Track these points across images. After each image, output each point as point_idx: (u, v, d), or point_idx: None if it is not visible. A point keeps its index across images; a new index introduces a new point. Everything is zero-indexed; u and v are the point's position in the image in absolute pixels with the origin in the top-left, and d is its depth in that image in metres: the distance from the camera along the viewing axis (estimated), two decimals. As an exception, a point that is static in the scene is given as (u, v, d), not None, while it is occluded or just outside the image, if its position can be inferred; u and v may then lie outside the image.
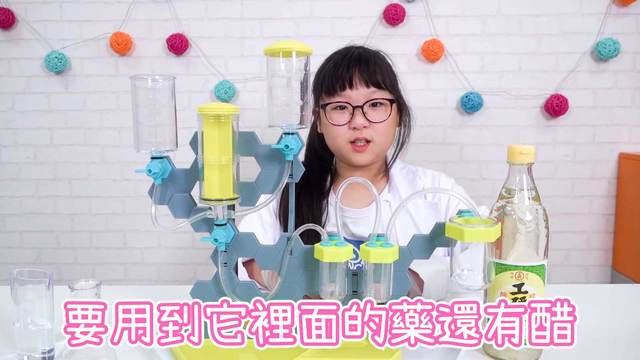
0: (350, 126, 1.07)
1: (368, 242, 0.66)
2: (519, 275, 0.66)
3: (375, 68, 1.08)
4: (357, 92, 1.06)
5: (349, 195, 1.14)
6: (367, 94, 1.07)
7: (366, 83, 1.06)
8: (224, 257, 0.69)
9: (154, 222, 0.66)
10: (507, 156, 0.68)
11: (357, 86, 1.06)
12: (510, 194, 0.68)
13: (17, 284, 0.68)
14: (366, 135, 1.07)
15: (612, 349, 0.73)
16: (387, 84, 1.09)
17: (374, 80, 1.07)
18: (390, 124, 1.10)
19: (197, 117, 0.64)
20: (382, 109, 1.08)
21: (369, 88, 1.07)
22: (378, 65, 1.09)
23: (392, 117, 1.10)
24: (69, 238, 2.07)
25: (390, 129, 1.11)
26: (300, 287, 0.70)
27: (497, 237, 0.63)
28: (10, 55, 1.98)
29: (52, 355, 0.71)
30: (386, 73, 1.10)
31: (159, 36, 1.95)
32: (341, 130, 1.08)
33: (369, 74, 1.07)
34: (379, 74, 1.08)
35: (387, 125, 1.09)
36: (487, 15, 1.92)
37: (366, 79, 1.06)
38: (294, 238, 0.70)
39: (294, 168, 0.69)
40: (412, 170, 1.19)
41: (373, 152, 1.09)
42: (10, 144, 2.03)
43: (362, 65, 1.08)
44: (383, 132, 1.08)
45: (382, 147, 1.10)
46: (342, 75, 1.07)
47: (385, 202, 1.12)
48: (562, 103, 1.90)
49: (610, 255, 2.03)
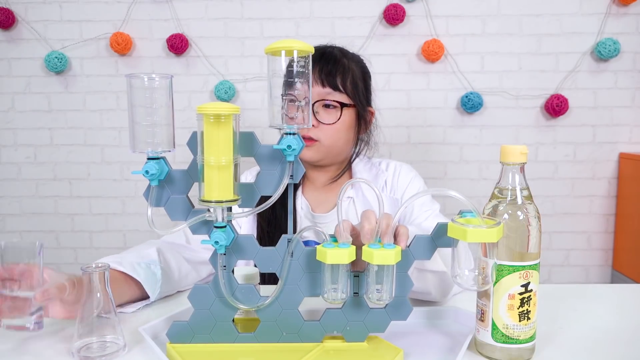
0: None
1: (370, 243, 0.66)
2: (526, 274, 0.66)
3: (336, 69, 1.06)
4: (312, 90, 1.05)
5: (316, 198, 1.13)
6: (321, 94, 1.05)
7: (322, 82, 1.05)
8: (223, 259, 0.69)
9: (150, 225, 0.65)
10: (500, 156, 0.68)
11: (312, 84, 1.05)
12: (503, 194, 0.68)
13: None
14: (312, 135, 1.05)
15: (612, 349, 0.73)
16: (346, 88, 1.06)
17: (330, 81, 1.05)
18: (340, 127, 1.07)
19: (197, 116, 0.63)
20: (334, 111, 1.06)
21: (324, 88, 1.05)
22: (342, 67, 1.07)
23: (343, 122, 1.07)
24: (69, 238, 2.07)
25: (341, 132, 1.08)
26: (302, 290, 0.70)
27: (499, 238, 0.63)
28: (10, 55, 1.98)
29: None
30: (349, 77, 1.07)
31: (159, 36, 1.95)
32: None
33: (327, 73, 1.05)
34: (339, 76, 1.05)
35: (336, 128, 1.06)
36: (487, 15, 1.92)
37: (323, 78, 1.05)
38: (295, 240, 0.69)
39: (294, 168, 0.69)
40: (376, 165, 1.18)
41: (319, 151, 1.07)
42: (10, 144, 2.02)
43: (323, 64, 1.06)
44: (331, 134, 1.06)
45: (330, 149, 1.08)
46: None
47: (349, 199, 1.11)
48: (562, 103, 1.90)
49: (610, 255, 2.03)
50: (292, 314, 0.70)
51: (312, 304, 0.80)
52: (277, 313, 0.70)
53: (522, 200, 0.67)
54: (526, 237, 0.67)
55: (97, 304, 0.69)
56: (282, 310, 0.70)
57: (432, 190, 0.72)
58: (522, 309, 0.67)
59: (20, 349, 0.73)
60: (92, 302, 0.69)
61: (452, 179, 2.00)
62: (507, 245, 0.66)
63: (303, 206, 1.12)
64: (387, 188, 1.13)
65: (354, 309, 0.70)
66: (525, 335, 0.67)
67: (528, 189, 0.68)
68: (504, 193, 0.68)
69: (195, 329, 0.70)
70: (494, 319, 0.67)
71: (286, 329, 0.70)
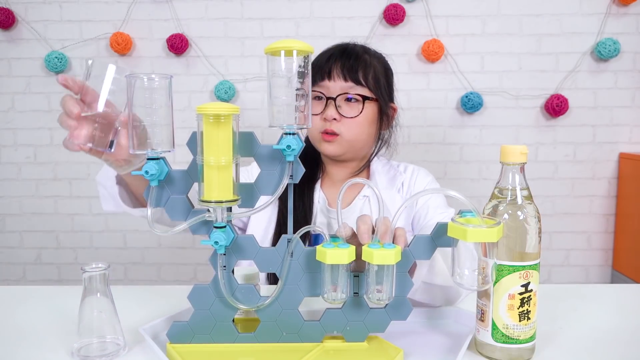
0: (322, 117, 1.08)
1: (370, 243, 0.66)
2: (526, 274, 0.66)
3: (358, 64, 1.07)
4: (334, 84, 1.06)
5: (333, 193, 1.15)
6: (344, 87, 1.06)
7: (344, 76, 1.06)
8: (223, 260, 0.69)
9: (150, 226, 0.65)
10: (500, 156, 0.68)
11: (334, 78, 1.06)
12: (503, 194, 0.68)
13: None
14: (334, 128, 1.06)
15: (612, 349, 0.73)
16: (368, 82, 1.07)
17: (352, 75, 1.06)
18: (362, 121, 1.08)
19: (197, 116, 0.63)
20: (357, 105, 1.08)
21: (347, 82, 1.06)
22: (364, 62, 1.08)
23: (366, 116, 1.08)
24: (69, 238, 2.07)
25: (363, 126, 1.09)
26: (302, 290, 0.70)
27: (499, 237, 0.63)
28: (10, 55, 1.98)
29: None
30: (371, 72, 1.08)
31: (159, 36, 1.95)
32: (314, 120, 1.08)
33: (348, 68, 1.06)
34: (361, 70, 1.07)
35: (358, 122, 1.07)
36: (487, 15, 1.92)
37: (345, 72, 1.06)
38: (295, 240, 0.69)
39: (294, 169, 0.69)
40: (394, 166, 1.19)
41: (341, 145, 1.08)
42: (10, 144, 2.02)
43: (345, 58, 1.07)
44: (353, 127, 1.07)
45: (352, 143, 1.09)
46: (323, 66, 1.07)
47: (365, 198, 1.12)
48: (562, 103, 1.90)
49: (610, 255, 2.03)
50: (292, 314, 0.70)
51: (312, 304, 0.80)
52: (277, 313, 0.70)
53: (522, 200, 0.67)
54: (526, 237, 0.67)
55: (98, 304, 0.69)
56: (282, 310, 0.70)
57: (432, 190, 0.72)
58: (522, 309, 0.67)
59: (21, 349, 0.73)
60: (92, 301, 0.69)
61: (452, 179, 1.99)
62: (507, 245, 0.67)
63: (320, 200, 1.13)
64: (403, 190, 1.14)
65: (354, 309, 0.70)
66: (525, 335, 0.67)
67: (528, 189, 0.68)
68: (504, 193, 0.68)
69: (195, 329, 0.70)
70: (494, 319, 0.67)
71: (286, 329, 0.70)
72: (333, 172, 1.17)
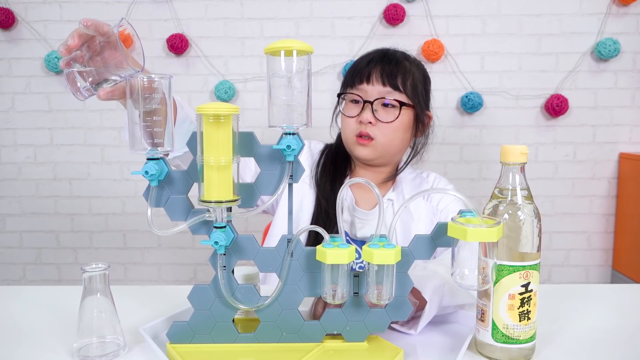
0: (358, 120, 1.08)
1: (370, 243, 0.66)
2: (526, 275, 0.66)
3: (397, 69, 1.08)
4: (373, 88, 1.07)
5: (361, 195, 1.15)
6: (381, 92, 1.07)
7: (382, 81, 1.07)
8: (223, 260, 0.69)
9: (150, 227, 0.65)
10: (500, 156, 0.68)
11: (373, 82, 1.07)
12: (503, 194, 0.68)
13: None
14: (369, 132, 1.07)
15: (612, 349, 0.73)
16: (406, 89, 1.08)
17: (391, 81, 1.07)
18: (398, 126, 1.09)
19: (197, 116, 0.63)
20: (393, 110, 1.08)
21: (385, 87, 1.07)
22: (403, 68, 1.09)
23: (401, 121, 1.09)
24: (69, 238, 2.07)
25: (398, 132, 1.09)
26: (302, 290, 0.70)
27: (499, 237, 0.63)
28: (10, 55, 1.98)
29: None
30: (410, 79, 1.09)
31: (159, 36, 1.95)
32: (350, 122, 1.10)
33: (388, 73, 1.07)
34: (400, 76, 1.07)
35: (394, 127, 1.08)
36: (487, 15, 1.92)
37: (384, 77, 1.07)
38: (295, 240, 0.69)
39: (294, 169, 0.69)
40: (419, 174, 1.21)
41: (375, 149, 1.09)
42: (10, 144, 2.02)
43: (385, 63, 1.08)
44: (388, 132, 1.08)
45: (386, 148, 1.10)
46: (363, 69, 1.08)
47: (389, 201, 1.13)
48: (562, 103, 1.90)
49: (610, 255, 2.03)
50: (292, 314, 0.70)
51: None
52: (277, 313, 0.70)
53: (522, 200, 0.67)
54: (526, 237, 0.67)
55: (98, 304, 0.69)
56: (282, 310, 0.70)
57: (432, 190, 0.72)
58: (522, 309, 0.67)
59: (20, 349, 0.73)
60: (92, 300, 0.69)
61: (452, 179, 1.97)
62: (507, 245, 0.67)
63: (347, 198, 1.14)
64: (426, 197, 1.15)
65: (354, 309, 0.70)
66: (525, 335, 0.67)
67: (528, 189, 0.68)
68: (504, 193, 0.68)
69: (195, 329, 0.70)
70: (494, 319, 0.67)
71: (286, 329, 0.70)
72: (361, 174, 1.16)
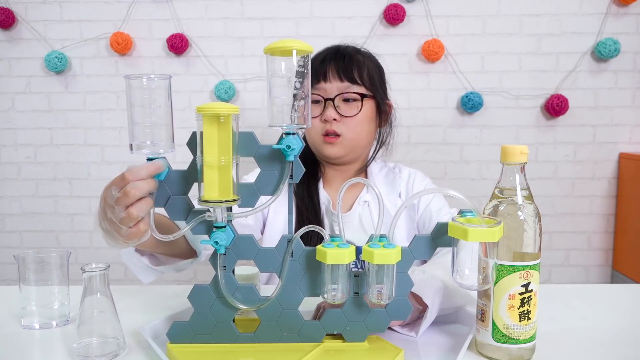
0: (322, 119, 1.08)
1: (370, 242, 0.66)
2: (526, 275, 0.66)
3: (351, 63, 1.08)
4: (331, 86, 1.07)
5: (334, 197, 1.14)
6: (340, 88, 1.07)
7: (340, 77, 1.07)
8: (223, 260, 0.69)
9: (150, 228, 0.65)
10: (500, 156, 0.68)
11: (330, 79, 1.07)
12: (503, 194, 0.68)
13: None
14: (336, 129, 1.07)
15: (612, 349, 0.73)
16: (364, 81, 1.08)
17: (348, 75, 1.07)
18: (362, 119, 1.09)
19: (197, 116, 0.63)
20: (355, 104, 1.08)
21: (343, 82, 1.07)
22: (357, 61, 1.09)
23: (365, 113, 1.09)
24: (69, 238, 2.06)
25: (364, 124, 1.09)
26: (302, 290, 0.70)
27: (500, 237, 0.63)
28: (10, 55, 1.98)
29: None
30: (365, 70, 1.09)
31: (159, 36, 1.95)
32: (314, 123, 1.09)
33: (343, 68, 1.07)
34: (355, 69, 1.08)
35: (358, 120, 1.08)
36: (487, 15, 1.92)
37: (340, 73, 1.07)
38: (295, 240, 0.69)
39: (294, 169, 0.69)
40: (391, 169, 1.20)
41: (344, 146, 1.09)
42: (10, 144, 2.02)
43: (339, 59, 1.08)
44: (354, 126, 1.08)
45: (354, 143, 1.09)
46: (318, 69, 1.08)
47: (364, 203, 1.12)
48: (562, 103, 1.90)
49: (611, 255, 2.03)
50: (292, 314, 0.70)
51: (312, 304, 0.80)
52: (277, 313, 0.70)
53: (523, 200, 0.67)
54: (526, 237, 0.67)
55: (98, 304, 0.69)
56: (282, 310, 0.70)
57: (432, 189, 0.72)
58: (523, 309, 0.67)
59: (20, 349, 0.73)
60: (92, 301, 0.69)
61: (452, 179, 1.99)
62: (507, 245, 0.66)
63: (324, 201, 1.13)
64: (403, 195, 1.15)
65: (354, 309, 0.70)
66: (525, 335, 0.67)
67: (528, 189, 0.68)
68: (505, 193, 0.68)
69: (195, 329, 0.70)
70: (494, 319, 0.67)
71: (286, 329, 0.70)
72: (331, 175, 1.16)
